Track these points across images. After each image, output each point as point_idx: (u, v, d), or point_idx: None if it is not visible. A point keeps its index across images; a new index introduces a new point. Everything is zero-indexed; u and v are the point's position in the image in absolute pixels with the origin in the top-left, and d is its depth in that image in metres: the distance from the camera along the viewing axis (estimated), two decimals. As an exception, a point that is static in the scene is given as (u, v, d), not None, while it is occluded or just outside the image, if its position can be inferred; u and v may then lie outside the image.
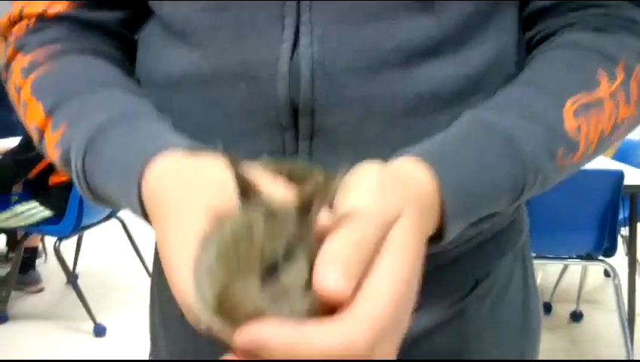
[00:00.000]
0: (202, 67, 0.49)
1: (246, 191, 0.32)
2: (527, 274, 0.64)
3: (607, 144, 0.49)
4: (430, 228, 0.39)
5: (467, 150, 0.43)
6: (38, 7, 0.54)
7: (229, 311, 0.28)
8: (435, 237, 0.40)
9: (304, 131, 0.48)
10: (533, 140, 0.44)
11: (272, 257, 0.28)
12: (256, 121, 0.47)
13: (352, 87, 0.46)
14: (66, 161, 0.49)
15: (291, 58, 0.46)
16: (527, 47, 0.55)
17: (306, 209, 0.31)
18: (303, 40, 0.46)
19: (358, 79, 0.46)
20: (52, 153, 0.50)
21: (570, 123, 0.45)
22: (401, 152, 0.42)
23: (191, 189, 0.38)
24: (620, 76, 0.48)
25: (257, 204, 0.31)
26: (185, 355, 0.60)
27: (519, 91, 0.48)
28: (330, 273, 0.29)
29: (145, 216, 0.42)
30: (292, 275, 0.29)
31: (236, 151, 0.36)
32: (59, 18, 0.54)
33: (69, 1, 0.54)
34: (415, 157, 0.40)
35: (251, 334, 0.28)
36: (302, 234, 0.30)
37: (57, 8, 0.54)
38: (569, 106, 0.46)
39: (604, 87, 0.47)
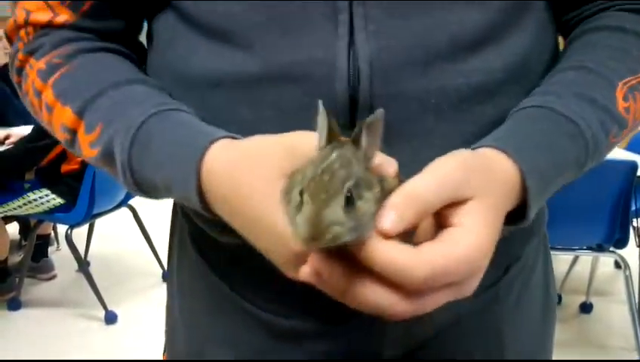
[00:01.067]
0: (249, 66, 0.48)
1: (330, 137, 0.37)
2: (547, 262, 0.66)
3: None
4: (509, 209, 0.42)
5: (540, 136, 0.46)
6: (44, 17, 0.54)
7: (321, 234, 0.33)
8: (516, 218, 0.44)
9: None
10: (594, 122, 0.47)
11: (349, 189, 0.33)
12: (309, 119, 0.47)
13: (408, 82, 0.47)
14: (107, 158, 0.49)
15: (349, 56, 0.46)
16: (566, 28, 0.57)
17: (357, 143, 0.36)
18: (359, 36, 0.46)
19: (412, 73, 0.47)
20: (88, 152, 0.51)
21: (621, 104, 0.49)
22: (479, 142, 0.45)
23: (258, 152, 0.41)
24: None
25: (335, 147, 0.36)
26: (205, 344, 0.61)
27: (574, 75, 0.50)
28: (386, 216, 0.35)
29: (204, 204, 0.44)
30: (365, 205, 0.34)
31: None
32: (66, 27, 0.55)
33: (74, 11, 0.54)
34: (497, 146, 0.43)
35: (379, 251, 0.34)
36: (364, 172, 0.35)
37: (63, 18, 0.54)
38: (620, 89, 0.49)
39: None
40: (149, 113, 0.48)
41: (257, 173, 0.40)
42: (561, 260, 2.98)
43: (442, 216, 0.38)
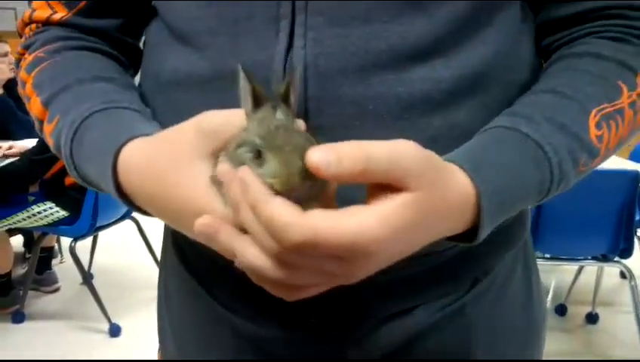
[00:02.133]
0: (203, 68, 0.51)
1: (258, 100, 0.40)
2: (530, 273, 0.64)
3: (622, 147, 0.51)
4: (456, 225, 0.41)
5: (503, 157, 0.44)
6: (44, 14, 0.59)
7: (296, 180, 0.35)
8: (466, 237, 0.43)
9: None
10: (562, 149, 0.46)
11: (309, 143, 0.37)
12: None
13: (345, 88, 0.47)
14: (58, 149, 0.53)
15: (285, 60, 0.48)
16: (546, 52, 0.55)
17: (287, 101, 0.41)
18: (297, 42, 0.48)
19: (350, 80, 0.47)
20: (50, 142, 0.55)
21: (593, 132, 0.47)
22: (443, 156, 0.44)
23: (171, 136, 0.44)
24: (639, 86, 0.50)
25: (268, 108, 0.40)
26: (186, 345, 0.63)
27: (547, 99, 0.49)
28: (324, 153, 0.34)
29: (124, 198, 0.47)
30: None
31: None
32: (61, 24, 0.59)
33: (70, 10, 0.59)
34: (456, 162, 0.42)
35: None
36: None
37: (59, 15, 0.59)
38: (593, 116, 0.48)
39: (625, 97, 0.49)
40: (95, 109, 0.51)
41: (170, 155, 0.43)
42: (566, 270, 2.97)
43: (367, 192, 0.37)
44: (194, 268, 0.61)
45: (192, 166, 0.41)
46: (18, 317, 2.75)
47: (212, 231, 0.38)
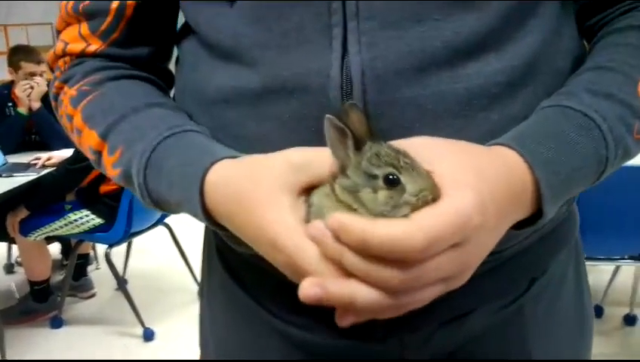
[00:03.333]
0: (253, 82, 0.51)
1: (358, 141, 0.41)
2: (580, 272, 0.64)
3: None
4: (520, 214, 0.43)
5: (548, 131, 0.46)
6: (78, 47, 0.61)
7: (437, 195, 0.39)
8: (534, 218, 0.44)
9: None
10: (610, 114, 0.46)
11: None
12: (309, 129, 0.49)
13: (402, 88, 0.47)
14: (127, 178, 0.53)
15: (342, 66, 0.48)
16: (590, 33, 0.56)
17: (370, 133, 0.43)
18: (352, 48, 0.48)
19: (407, 81, 0.47)
20: (111, 172, 0.55)
21: None
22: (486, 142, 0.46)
23: (260, 166, 0.44)
24: None
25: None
26: (232, 355, 0.63)
27: (590, 75, 0.50)
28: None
29: (210, 219, 0.48)
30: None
31: None
32: (96, 55, 0.60)
33: (104, 41, 0.60)
34: (498, 142, 0.44)
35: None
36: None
37: (94, 47, 0.60)
38: None
39: None
40: (163, 136, 0.52)
41: (260, 186, 0.43)
42: (602, 271, 2.89)
43: None
44: (242, 280, 0.61)
45: (281, 200, 0.42)
46: (56, 323, 2.82)
47: (320, 293, 0.37)
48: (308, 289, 0.37)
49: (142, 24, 0.60)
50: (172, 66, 0.65)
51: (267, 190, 0.42)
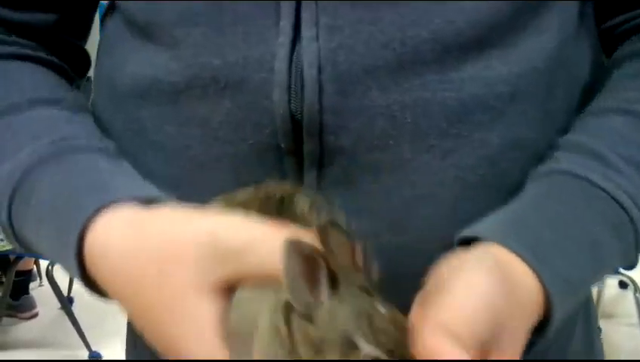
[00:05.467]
0: (172, 72, 0.39)
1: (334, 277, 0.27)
2: (591, 323, 0.52)
3: None
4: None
5: (575, 233, 0.36)
6: None
7: None
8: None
9: (310, 157, 0.37)
10: None
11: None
12: (245, 142, 0.37)
13: (373, 94, 0.36)
14: None
15: (291, 56, 0.36)
16: (609, 41, 0.45)
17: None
18: (306, 32, 0.36)
19: (380, 82, 0.36)
20: None
21: None
22: (486, 222, 0.35)
23: (166, 254, 0.31)
24: None
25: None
26: None
27: (620, 123, 0.39)
28: None
29: (90, 284, 0.35)
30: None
31: (218, 185, 0.32)
32: None
33: None
34: (518, 252, 0.33)
35: None
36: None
37: None
38: None
39: None
40: (43, 154, 0.39)
41: (164, 285, 0.31)
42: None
43: None
44: None
45: (196, 304, 0.30)
46: (-8, 347, 2.64)
47: None
48: None
49: None
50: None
51: (174, 291, 0.31)
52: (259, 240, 0.29)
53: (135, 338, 0.57)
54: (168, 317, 0.31)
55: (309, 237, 0.28)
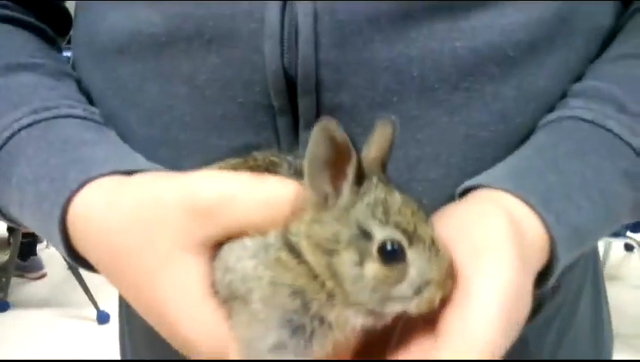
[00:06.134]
0: (154, 24, 0.36)
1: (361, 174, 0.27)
2: (599, 287, 0.51)
3: None
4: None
5: (583, 179, 0.33)
6: None
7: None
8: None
9: (306, 116, 0.35)
10: None
11: None
12: (234, 101, 0.35)
13: (376, 46, 0.33)
14: None
15: (284, 5, 0.33)
16: None
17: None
18: None
19: (384, 33, 0.33)
20: None
21: None
22: (493, 172, 0.33)
23: (146, 218, 0.30)
24: None
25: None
26: None
27: (636, 70, 0.37)
28: None
29: (77, 259, 0.33)
30: None
31: (205, 147, 0.31)
32: None
33: None
34: (526, 204, 0.31)
35: None
36: None
37: None
38: None
39: None
40: (23, 123, 0.36)
41: (148, 248, 0.29)
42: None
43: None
44: None
45: (178, 264, 0.29)
46: (2, 306, 2.67)
47: None
48: None
49: None
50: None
51: (159, 253, 0.29)
52: (236, 192, 0.28)
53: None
54: (155, 280, 0.29)
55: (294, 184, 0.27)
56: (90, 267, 0.34)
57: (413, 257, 0.26)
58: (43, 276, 2.97)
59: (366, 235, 0.26)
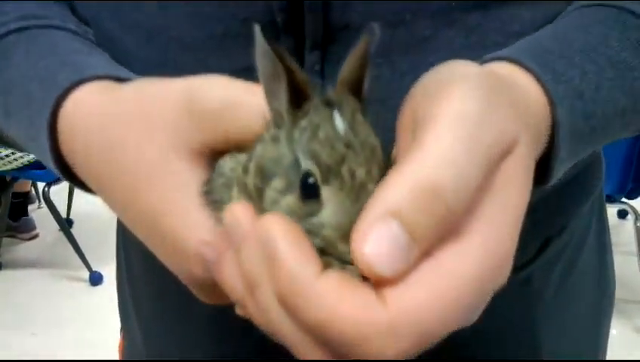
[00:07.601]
0: None
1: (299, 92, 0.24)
2: (604, 229, 0.51)
3: None
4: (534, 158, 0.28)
5: (589, 45, 0.30)
6: None
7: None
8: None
9: (312, 36, 0.32)
10: None
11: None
12: (234, 20, 0.32)
13: None
14: None
15: None
16: None
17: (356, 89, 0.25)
18: None
19: None
20: None
21: None
22: (494, 55, 0.30)
23: (142, 117, 0.28)
24: None
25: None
26: (157, 338, 0.51)
27: None
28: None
29: (68, 174, 0.33)
30: None
31: (205, 69, 0.28)
32: None
33: None
34: (515, 63, 0.28)
35: None
36: None
37: None
38: None
39: None
40: (10, 28, 0.35)
41: (142, 144, 0.28)
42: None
43: None
44: None
45: (174, 167, 0.28)
46: (-7, 266, 2.67)
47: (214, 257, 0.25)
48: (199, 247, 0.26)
49: None
50: None
51: (153, 153, 0.28)
52: (236, 100, 0.27)
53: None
54: (148, 184, 0.28)
55: None
56: (73, 178, 0.33)
57: (327, 196, 0.23)
58: (35, 236, 2.96)
59: (295, 164, 0.24)
